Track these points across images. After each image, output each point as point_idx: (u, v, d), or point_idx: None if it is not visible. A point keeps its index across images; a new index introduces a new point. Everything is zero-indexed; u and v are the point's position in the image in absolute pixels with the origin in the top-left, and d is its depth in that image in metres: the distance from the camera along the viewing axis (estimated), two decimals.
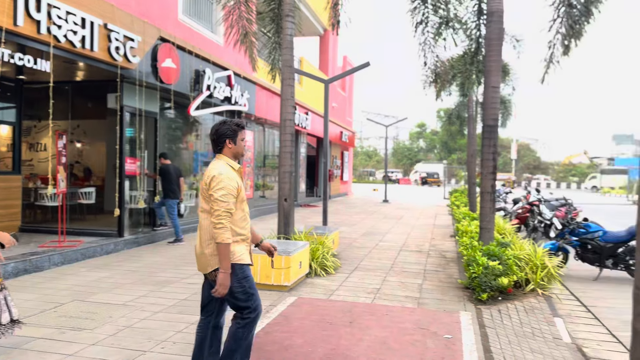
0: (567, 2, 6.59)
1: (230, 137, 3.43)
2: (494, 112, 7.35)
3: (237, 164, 3.46)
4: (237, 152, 3.48)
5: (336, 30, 8.28)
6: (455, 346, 4.63)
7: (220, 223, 3.20)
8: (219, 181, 3.25)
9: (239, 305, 3.36)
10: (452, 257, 9.28)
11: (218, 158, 3.44)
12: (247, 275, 3.38)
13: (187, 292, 6.31)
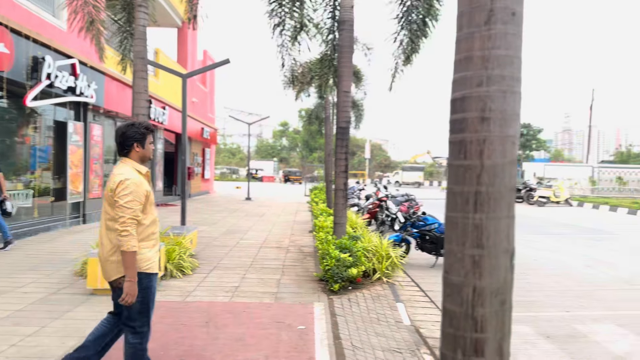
0: (407, 17, 7.32)
1: (139, 141, 3.34)
2: (345, 115, 7.84)
3: (144, 168, 3.38)
4: (144, 156, 3.39)
5: (192, 25, 8.11)
6: (307, 336, 4.88)
7: (126, 230, 3.12)
8: (124, 187, 3.16)
9: (133, 316, 3.30)
10: (309, 251, 9.67)
11: (124, 162, 3.33)
12: (151, 287, 3.34)
13: (22, 302, 5.69)
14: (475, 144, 1.73)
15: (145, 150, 3.39)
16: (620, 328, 5.87)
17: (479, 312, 1.73)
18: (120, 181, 3.19)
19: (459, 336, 1.76)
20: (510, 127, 1.74)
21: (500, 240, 1.75)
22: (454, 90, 1.83)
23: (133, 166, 3.33)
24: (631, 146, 74.35)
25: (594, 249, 11.71)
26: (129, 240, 3.12)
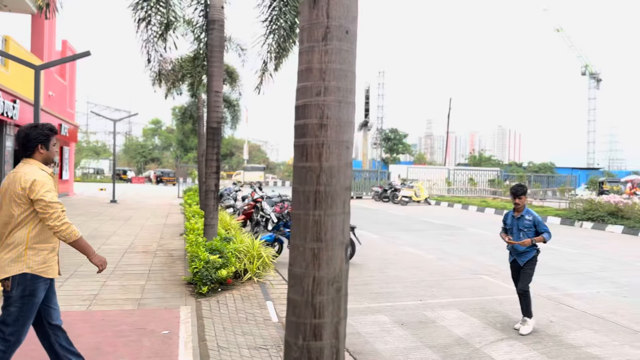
0: (277, 21, 7.51)
1: (43, 142, 3.34)
2: (217, 115, 7.80)
3: (49, 169, 3.35)
4: (48, 158, 3.38)
5: (45, 13, 7.44)
6: (171, 340, 4.80)
7: (65, 223, 3.20)
8: (42, 184, 3.19)
9: (7, 321, 3.19)
10: (179, 255, 9.42)
11: (28, 163, 3.30)
12: (35, 294, 3.24)
13: None
14: (315, 147, 1.90)
15: (50, 152, 3.39)
16: (463, 313, 6.63)
17: (318, 299, 1.90)
18: (35, 180, 3.19)
19: (300, 323, 1.92)
20: (345, 133, 1.95)
21: (337, 234, 1.94)
22: (297, 98, 1.99)
23: (39, 167, 3.32)
24: (483, 150, 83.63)
25: (446, 243, 13.01)
26: (70, 230, 3.23)
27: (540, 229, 5.71)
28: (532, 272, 5.85)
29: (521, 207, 5.80)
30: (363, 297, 7.29)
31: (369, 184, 35.71)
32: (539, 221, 5.74)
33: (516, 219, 5.84)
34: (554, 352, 5.24)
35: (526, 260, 5.81)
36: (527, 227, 5.73)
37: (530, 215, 5.75)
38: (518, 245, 5.77)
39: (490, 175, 37.07)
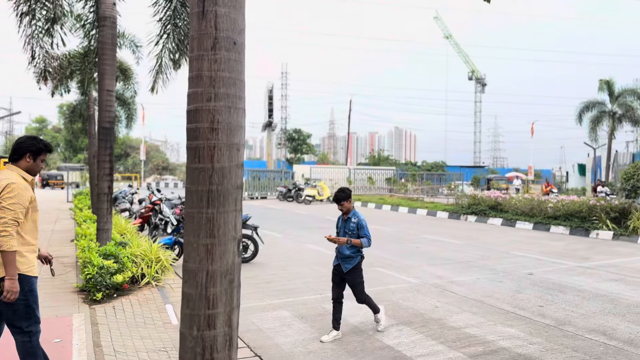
0: (173, 21, 7.41)
1: (33, 153, 3.54)
2: (109, 115, 7.51)
3: (29, 176, 3.54)
4: (32, 169, 3.56)
5: None
6: (64, 348, 4.63)
7: (6, 231, 3.26)
8: (10, 190, 3.33)
9: (17, 319, 3.46)
10: (71, 262, 8.91)
11: (9, 168, 3.50)
12: (33, 289, 3.53)
13: None
14: (207, 149, 2.04)
15: (35, 165, 3.57)
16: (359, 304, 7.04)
17: (211, 291, 2.04)
18: (7, 184, 3.35)
19: (194, 315, 2.04)
20: (235, 136, 2.11)
21: (229, 230, 2.10)
22: (189, 103, 2.11)
23: (19, 173, 3.50)
24: (382, 150, 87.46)
25: None
26: (9, 240, 3.28)
27: (362, 234, 5.58)
28: (360, 280, 5.71)
29: (347, 211, 5.65)
30: (265, 295, 7.46)
31: (274, 184, 35.92)
32: (362, 225, 5.61)
33: (343, 222, 5.71)
34: (437, 334, 5.79)
35: (350, 267, 5.60)
36: (351, 230, 5.59)
37: (356, 218, 5.63)
38: (342, 248, 5.60)
39: (388, 174, 39.02)
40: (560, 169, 61.70)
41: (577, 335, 5.78)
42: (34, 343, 3.59)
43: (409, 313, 6.60)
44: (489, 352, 5.20)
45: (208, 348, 2.03)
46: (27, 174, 3.54)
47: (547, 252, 11.93)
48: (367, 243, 5.58)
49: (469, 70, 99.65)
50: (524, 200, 18.61)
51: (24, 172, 3.52)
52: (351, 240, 5.51)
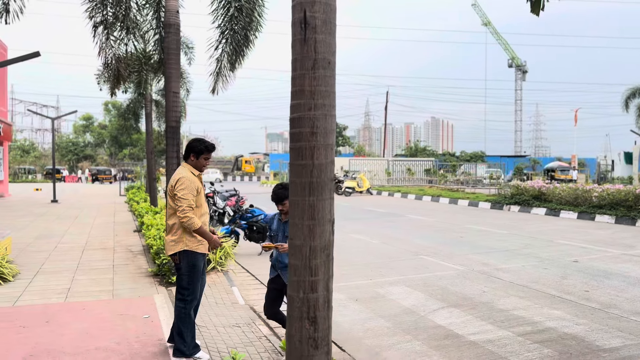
0: (230, 27, 7.97)
1: (196, 153, 4.33)
2: (175, 115, 8.18)
3: (197, 171, 4.35)
4: (197, 165, 4.36)
5: (4, 19, 7.48)
6: (153, 322, 5.28)
7: (186, 216, 4.11)
8: (181, 183, 4.19)
9: (182, 285, 4.29)
10: (138, 250, 9.71)
11: (183, 165, 4.39)
12: (196, 264, 4.30)
13: None
14: (308, 150, 2.54)
15: (198, 162, 4.36)
16: (408, 288, 7.49)
17: (313, 262, 2.55)
18: (178, 179, 4.22)
19: (300, 281, 2.56)
20: (329, 138, 2.60)
21: (326, 213, 2.60)
22: (292, 112, 2.61)
23: (189, 169, 4.33)
24: (418, 141, 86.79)
25: (388, 229, 13.99)
26: (191, 221, 4.11)
27: None
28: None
29: (287, 211, 4.75)
30: None
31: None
32: None
33: (282, 224, 4.82)
34: (486, 315, 6.17)
35: None
36: None
37: None
38: (282, 256, 4.69)
39: (427, 165, 38.98)
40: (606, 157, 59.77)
41: (623, 317, 6.05)
42: (187, 310, 4.31)
43: (457, 297, 6.99)
44: (536, 332, 5.56)
45: (312, 307, 2.55)
46: (195, 169, 4.36)
47: (592, 240, 12.01)
48: None
49: (509, 57, 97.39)
50: (568, 189, 18.50)
51: (192, 168, 4.36)
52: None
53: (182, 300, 4.36)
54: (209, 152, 4.42)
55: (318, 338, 2.57)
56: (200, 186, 4.38)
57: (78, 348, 4.47)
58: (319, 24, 2.53)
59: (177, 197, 4.23)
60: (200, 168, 4.42)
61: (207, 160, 4.44)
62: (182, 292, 4.37)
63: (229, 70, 8.54)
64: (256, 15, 8.27)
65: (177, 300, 4.40)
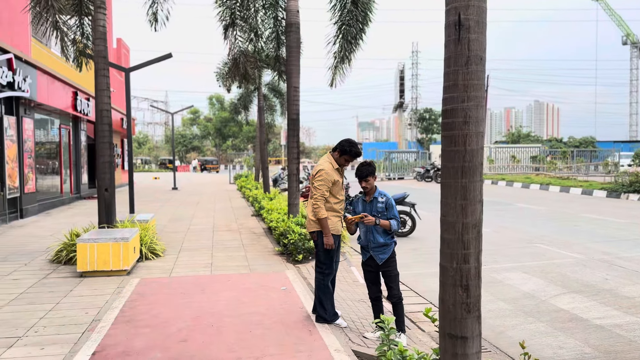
0: (347, 22, 8.42)
1: (341, 152, 4.83)
2: (296, 108, 8.82)
3: (336, 164, 4.85)
4: (337, 161, 4.87)
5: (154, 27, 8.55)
6: (291, 294, 5.92)
7: (316, 204, 4.73)
8: (320, 174, 4.75)
9: (320, 259, 4.90)
10: (260, 232, 10.60)
11: (327, 155, 4.95)
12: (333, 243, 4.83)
13: (20, 286, 6.13)
14: (461, 137, 2.88)
15: (339, 159, 4.87)
16: (525, 274, 7.51)
17: (465, 237, 2.89)
18: (318, 171, 4.80)
19: (454, 253, 2.92)
20: (480, 126, 2.91)
21: (476, 194, 2.92)
22: (445, 104, 2.96)
23: (330, 160, 4.88)
24: (521, 127, 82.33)
25: (497, 218, 13.78)
26: (319, 210, 4.72)
27: (390, 215, 4.64)
28: (396, 272, 4.77)
29: (371, 190, 4.68)
30: (431, 264, 8.25)
31: (408, 165, 36.32)
32: (391, 205, 4.66)
33: (368, 204, 4.69)
34: (610, 302, 6.09)
35: (386, 257, 4.68)
36: (380, 212, 4.63)
37: (384, 197, 4.68)
38: (375, 236, 4.63)
39: (533, 152, 37.07)
40: None
41: None
42: (325, 281, 4.88)
43: (579, 284, 6.92)
44: None
45: (464, 276, 2.90)
46: (336, 163, 4.87)
47: None
48: (396, 225, 4.65)
49: (623, 34, 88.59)
50: None
51: (333, 161, 4.88)
52: (380, 221, 4.56)
53: (320, 273, 4.92)
54: (350, 157, 4.86)
55: (470, 303, 2.92)
56: (338, 178, 4.85)
57: (235, 312, 5.19)
58: (472, 24, 2.84)
59: (314, 186, 4.79)
60: (340, 164, 4.91)
61: (346, 161, 4.91)
62: (320, 266, 4.92)
63: (345, 63, 9.02)
64: (369, 8, 8.64)
65: (316, 272, 4.96)
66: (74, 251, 7.08)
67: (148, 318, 4.97)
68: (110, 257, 6.65)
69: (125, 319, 4.92)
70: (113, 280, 6.44)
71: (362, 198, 4.79)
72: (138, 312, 5.16)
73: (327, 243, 4.79)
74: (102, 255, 6.63)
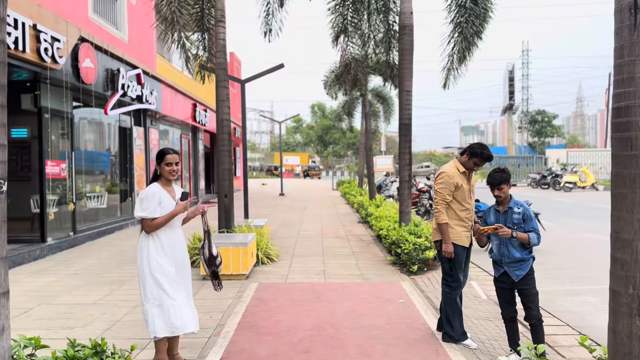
0: (466, 20, 7.98)
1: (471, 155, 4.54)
2: (408, 112, 8.52)
3: (462, 167, 4.57)
4: (465, 164, 4.57)
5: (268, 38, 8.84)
6: (410, 307, 5.63)
7: (437, 209, 4.50)
8: (441, 177, 4.54)
9: (445, 271, 4.61)
10: (368, 240, 10.42)
11: (453, 160, 4.74)
12: (457, 254, 4.52)
13: None
14: (639, 140, 2.45)
15: (467, 163, 4.57)
16: None
17: None
18: (439, 173, 4.61)
19: (630, 276, 2.48)
20: None
21: None
22: (617, 101, 2.54)
23: (456, 164, 4.62)
24: None
25: None
26: (439, 214, 4.46)
27: (528, 227, 4.20)
28: (535, 291, 4.30)
29: (505, 199, 4.29)
30: (561, 281, 7.48)
31: (519, 170, 34.10)
32: (529, 216, 4.23)
33: (502, 214, 4.30)
34: None
35: (523, 273, 4.23)
36: (516, 224, 4.22)
37: (520, 208, 4.26)
38: (511, 250, 4.24)
39: None
40: None
41: None
42: (452, 295, 4.55)
43: None
44: None
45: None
46: (462, 166, 4.58)
47: None
48: (536, 239, 4.18)
49: None
50: None
51: (459, 165, 4.60)
52: (518, 234, 4.14)
53: (447, 286, 4.62)
54: (481, 160, 4.54)
55: None
56: (462, 182, 4.51)
57: (353, 323, 5.03)
58: None
59: (435, 189, 4.55)
60: (468, 168, 4.60)
61: (476, 165, 4.58)
62: (446, 279, 4.63)
63: (462, 63, 8.57)
64: (489, 6, 8.13)
65: (443, 285, 4.66)
66: (197, 254, 7.40)
67: (269, 325, 4.97)
68: (231, 261, 6.84)
69: (248, 325, 4.96)
70: (233, 284, 6.61)
71: (494, 208, 4.36)
72: (259, 318, 5.20)
73: (446, 250, 4.47)
74: (223, 260, 6.81)
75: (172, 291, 3.70)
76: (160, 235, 3.74)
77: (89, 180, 10.72)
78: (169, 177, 3.83)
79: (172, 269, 3.76)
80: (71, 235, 9.58)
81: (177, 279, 3.79)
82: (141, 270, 3.71)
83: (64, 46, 8.21)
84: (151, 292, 3.67)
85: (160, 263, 3.69)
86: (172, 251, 3.80)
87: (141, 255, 3.72)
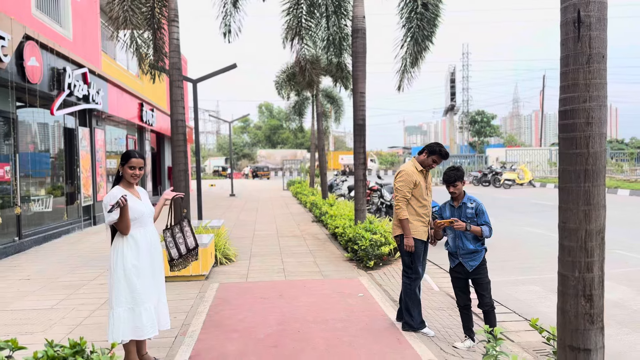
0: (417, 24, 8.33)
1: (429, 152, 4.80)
2: (362, 113, 8.78)
3: (419, 166, 4.83)
4: (423, 162, 4.83)
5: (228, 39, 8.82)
6: (369, 300, 5.86)
7: (397, 205, 4.74)
8: (400, 175, 4.79)
9: (405, 264, 4.86)
10: (324, 238, 10.60)
11: (412, 159, 4.94)
12: (416, 247, 4.78)
13: (106, 291, 6.37)
14: (583, 139, 2.74)
15: (425, 160, 4.82)
16: (610, 282, 6.91)
17: (589, 245, 2.74)
18: (399, 171, 4.83)
19: (576, 261, 2.77)
20: (603, 127, 2.76)
21: (600, 199, 2.77)
22: (563, 105, 2.83)
23: (414, 164, 4.87)
24: None
25: None
26: (400, 211, 4.71)
27: (481, 221, 4.48)
28: (488, 280, 4.58)
29: (460, 195, 4.56)
30: (507, 272, 7.97)
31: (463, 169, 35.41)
32: (482, 211, 4.52)
33: (456, 209, 4.57)
34: None
35: (477, 264, 4.52)
36: (469, 218, 4.50)
37: (473, 203, 4.53)
38: (465, 243, 4.52)
39: None
40: None
41: None
42: (412, 286, 4.81)
43: None
44: None
45: (588, 286, 2.75)
46: (420, 165, 4.84)
47: None
48: (488, 232, 4.47)
49: None
50: None
51: (417, 163, 4.85)
52: (471, 227, 4.41)
53: (407, 278, 4.86)
54: (439, 157, 4.80)
55: (594, 314, 2.77)
56: (420, 180, 4.77)
57: (317, 317, 5.19)
58: (594, 21, 2.71)
59: (395, 187, 4.78)
60: (425, 165, 4.85)
61: (434, 162, 4.83)
62: (406, 271, 4.87)
63: (415, 66, 8.92)
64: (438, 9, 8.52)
65: (403, 277, 4.90)
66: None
67: (235, 323, 5.04)
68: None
69: (214, 324, 5.01)
70: (194, 285, 6.60)
71: (450, 203, 4.65)
72: (224, 316, 5.25)
73: (407, 244, 4.73)
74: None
75: (145, 294, 3.71)
76: (135, 236, 3.73)
77: (33, 183, 10.28)
78: (130, 181, 3.83)
79: (149, 269, 3.77)
80: (16, 240, 9.17)
81: (152, 280, 3.80)
82: (114, 273, 3.68)
83: (8, 44, 7.85)
84: (125, 295, 3.65)
85: (136, 265, 3.69)
86: (150, 250, 3.81)
87: (115, 258, 3.70)
